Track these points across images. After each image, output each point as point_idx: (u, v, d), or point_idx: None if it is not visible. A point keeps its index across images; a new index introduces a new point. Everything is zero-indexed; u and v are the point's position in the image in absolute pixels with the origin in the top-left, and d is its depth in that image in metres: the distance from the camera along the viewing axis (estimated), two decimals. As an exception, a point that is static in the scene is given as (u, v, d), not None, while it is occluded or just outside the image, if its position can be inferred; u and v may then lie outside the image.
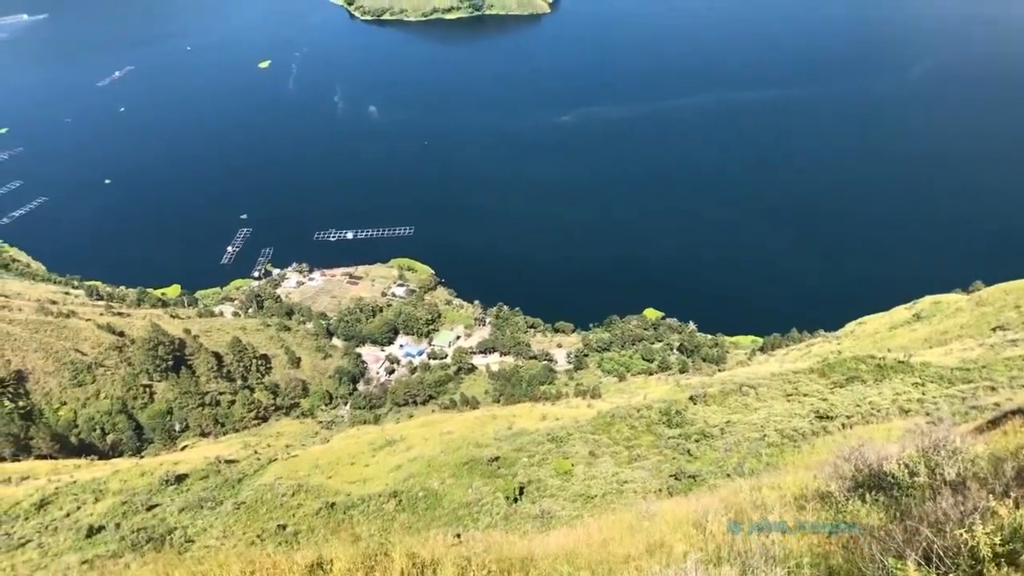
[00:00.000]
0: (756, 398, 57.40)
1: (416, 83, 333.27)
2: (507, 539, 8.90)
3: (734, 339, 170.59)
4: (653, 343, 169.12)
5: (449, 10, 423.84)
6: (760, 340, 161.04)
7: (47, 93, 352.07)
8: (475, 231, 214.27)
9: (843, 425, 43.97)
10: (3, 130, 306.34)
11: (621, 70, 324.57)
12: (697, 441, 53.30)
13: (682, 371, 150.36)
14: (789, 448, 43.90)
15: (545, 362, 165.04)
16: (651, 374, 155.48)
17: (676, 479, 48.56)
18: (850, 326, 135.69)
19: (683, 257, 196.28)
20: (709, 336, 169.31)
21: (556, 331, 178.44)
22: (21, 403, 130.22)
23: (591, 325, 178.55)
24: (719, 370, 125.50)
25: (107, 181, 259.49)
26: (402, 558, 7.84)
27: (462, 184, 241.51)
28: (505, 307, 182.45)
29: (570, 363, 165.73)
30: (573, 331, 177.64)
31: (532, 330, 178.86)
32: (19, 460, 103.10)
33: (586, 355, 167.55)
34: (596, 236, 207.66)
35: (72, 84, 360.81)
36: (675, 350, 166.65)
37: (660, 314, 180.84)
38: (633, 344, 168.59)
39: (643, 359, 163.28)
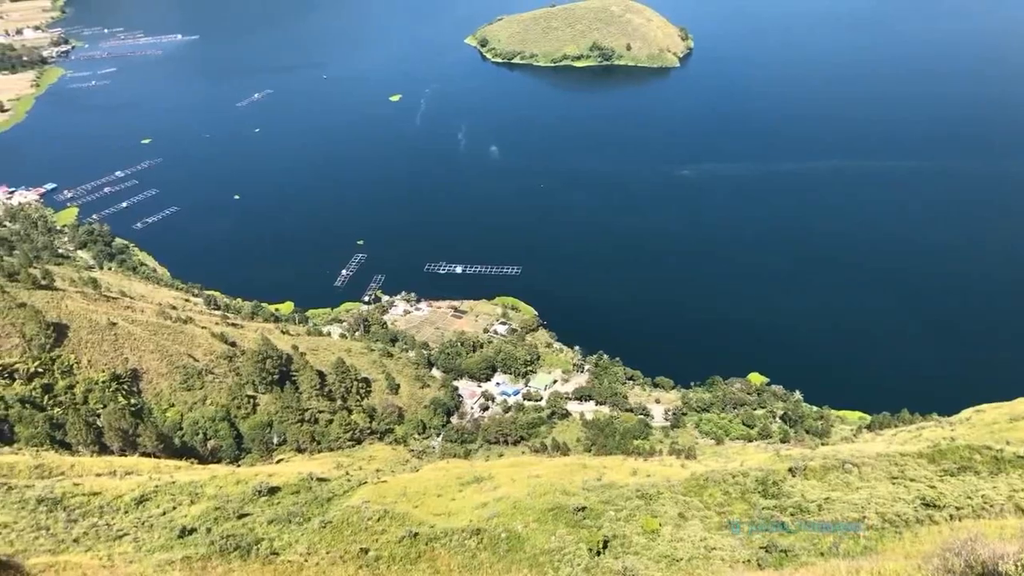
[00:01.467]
0: (859, 477, 55.00)
1: (539, 127, 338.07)
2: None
3: (840, 413, 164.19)
4: (755, 409, 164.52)
5: (579, 58, 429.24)
6: (868, 418, 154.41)
7: (190, 109, 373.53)
8: (582, 278, 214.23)
9: (951, 516, 41.68)
10: (147, 140, 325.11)
11: (746, 128, 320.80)
12: (792, 515, 51.37)
13: (783, 441, 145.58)
14: (890, 533, 41.91)
15: (641, 416, 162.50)
16: (750, 440, 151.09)
17: (767, 551, 46.86)
18: (966, 413, 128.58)
19: (795, 323, 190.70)
20: (814, 408, 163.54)
21: (655, 386, 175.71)
22: (133, 401, 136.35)
23: (692, 383, 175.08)
24: (822, 444, 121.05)
25: (236, 197, 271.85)
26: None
27: (574, 230, 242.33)
28: (605, 356, 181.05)
29: (667, 420, 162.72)
30: (673, 388, 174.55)
31: (631, 382, 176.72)
32: (126, 455, 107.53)
33: (684, 414, 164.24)
34: (704, 293, 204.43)
35: (214, 102, 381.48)
36: (778, 418, 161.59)
37: (765, 380, 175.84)
38: (734, 408, 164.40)
39: (743, 424, 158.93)
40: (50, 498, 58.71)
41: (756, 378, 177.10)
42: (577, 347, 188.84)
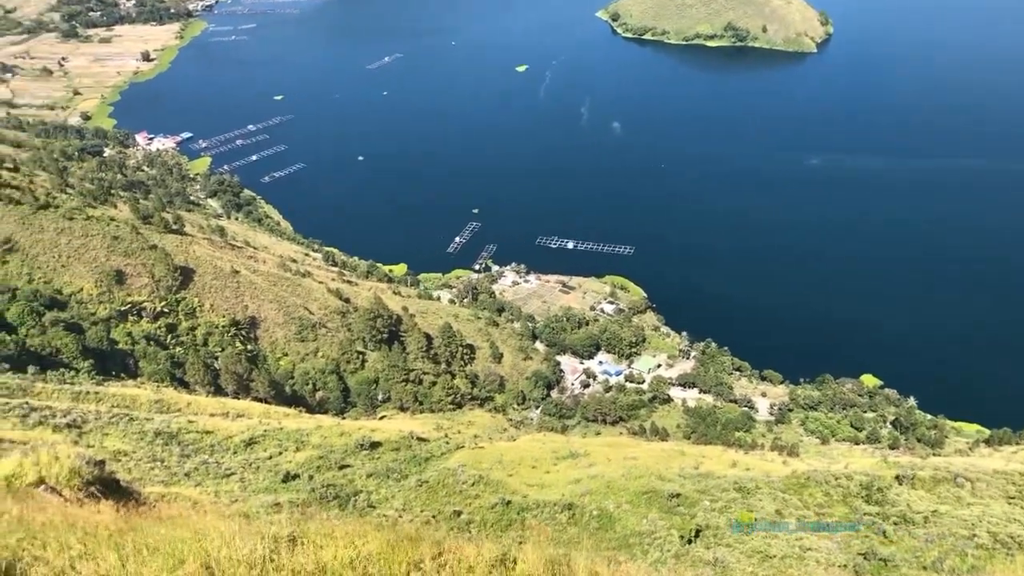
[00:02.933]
0: (971, 493, 52.41)
1: (664, 106, 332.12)
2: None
3: (956, 424, 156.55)
4: (865, 411, 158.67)
5: (711, 37, 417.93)
6: (986, 432, 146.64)
7: (322, 68, 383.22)
8: (696, 262, 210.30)
9: (1073, 545, 39.30)
10: (280, 97, 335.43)
11: (881, 121, 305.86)
12: (896, 524, 49.41)
13: (892, 447, 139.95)
14: (1001, 555, 39.84)
15: (745, 408, 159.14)
16: (857, 443, 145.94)
17: (865, 559, 45.26)
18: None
19: (915, 327, 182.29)
20: (929, 416, 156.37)
21: (763, 379, 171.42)
22: (250, 347, 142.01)
23: (801, 380, 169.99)
24: (934, 454, 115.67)
25: (360, 158, 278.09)
26: (584, 573, 7.57)
27: (690, 213, 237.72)
28: (713, 344, 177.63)
29: (772, 415, 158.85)
30: (781, 382, 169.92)
31: (737, 373, 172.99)
32: (239, 398, 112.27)
33: (790, 410, 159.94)
34: (822, 288, 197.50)
35: (345, 63, 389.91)
36: (888, 423, 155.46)
37: (879, 383, 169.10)
38: (843, 408, 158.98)
39: (851, 426, 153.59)
40: (166, 432, 61.80)
41: (869, 380, 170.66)
42: (684, 333, 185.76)
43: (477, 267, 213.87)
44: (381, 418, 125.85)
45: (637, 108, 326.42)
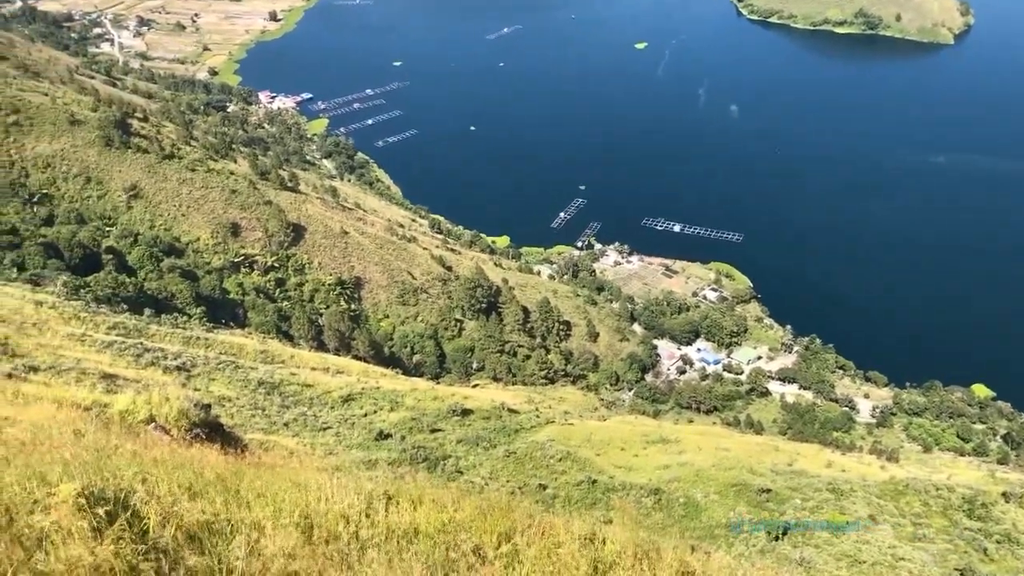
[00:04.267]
0: (1087, 519, 49.79)
1: (786, 92, 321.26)
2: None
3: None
4: (974, 423, 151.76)
5: (841, 24, 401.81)
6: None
7: (441, 36, 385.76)
8: (807, 255, 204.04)
9: None
10: (398, 63, 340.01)
11: (1018, 122, 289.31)
12: (999, 543, 47.42)
13: (1000, 462, 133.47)
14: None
15: (846, 409, 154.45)
16: (962, 455, 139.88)
17: (962, 575, 43.69)
18: None
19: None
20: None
21: (867, 380, 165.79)
22: (353, 306, 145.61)
23: (908, 384, 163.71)
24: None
25: (472, 127, 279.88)
26: (674, 561, 7.51)
27: (804, 203, 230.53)
28: (818, 340, 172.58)
29: (873, 417, 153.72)
30: (885, 385, 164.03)
31: (840, 371, 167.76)
32: (339, 355, 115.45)
33: (893, 414, 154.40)
34: (939, 292, 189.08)
35: (464, 33, 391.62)
36: (999, 437, 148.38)
37: (991, 394, 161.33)
38: (950, 417, 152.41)
39: (957, 436, 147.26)
40: (269, 382, 64.03)
41: (981, 390, 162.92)
42: (789, 326, 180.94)
43: (580, 244, 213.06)
44: (474, 386, 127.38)
45: (757, 92, 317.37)
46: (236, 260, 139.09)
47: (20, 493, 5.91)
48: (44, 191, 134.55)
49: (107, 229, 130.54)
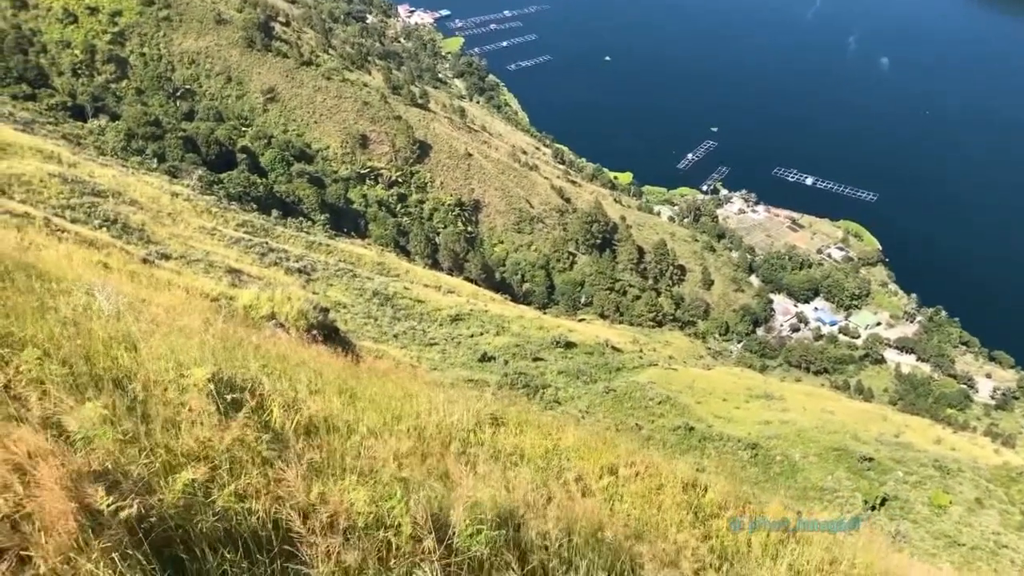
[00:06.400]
0: None
1: (943, 47, 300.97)
2: (870, 545, 8.03)
3: None
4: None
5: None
6: None
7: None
8: (943, 222, 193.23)
9: None
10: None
11: None
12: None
13: None
14: None
15: (964, 386, 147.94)
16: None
17: (1068, 571, 41.94)
18: None
19: None
20: None
21: (991, 359, 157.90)
22: (469, 229, 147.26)
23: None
24: None
25: (607, 58, 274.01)
26: (777, 516, 7.44)
27: (949, 168, 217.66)
28: (944, 312, 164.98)
29: (993, 399, 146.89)
30: (1012, 367, 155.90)
31: (964, 347, 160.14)
32: (452, 275, 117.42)
33: (1016, 397, 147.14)
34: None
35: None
36: None
37: None
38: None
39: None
40: (383, 293, 65.73)
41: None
42: (914, 295, 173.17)
43: (705, 188, 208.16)
44: (580, 320, 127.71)
45: (913, 45, 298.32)
46: (362, 172, 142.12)
47: (156, 371, 6.26)
48: (187, 87, 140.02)
49: (243, 129, 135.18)
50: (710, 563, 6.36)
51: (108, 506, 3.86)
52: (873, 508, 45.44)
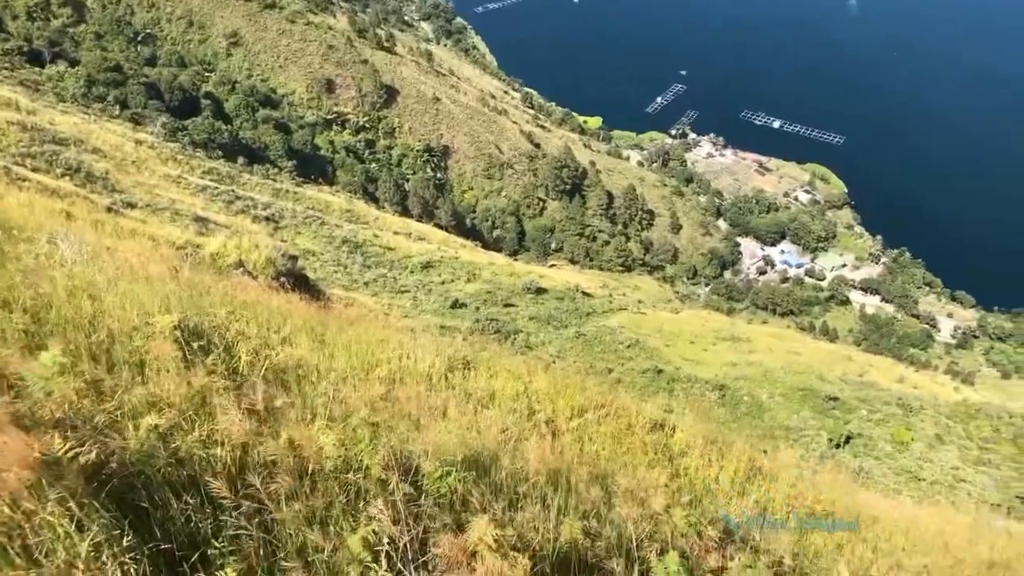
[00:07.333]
0: None
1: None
2: (835, 481, 8.19)
3: None
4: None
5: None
6: None
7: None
8: (908, 165, 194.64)
9: None
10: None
11: None
12: (1069, 478, 46.67)
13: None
14: None
15: (926, 326, 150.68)
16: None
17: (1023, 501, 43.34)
18: None
19: None
20: None
21: (953, 299, 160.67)
22: (439, 175, 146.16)
23: (996, 308, 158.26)
24: None
25: (575, 0, 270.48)
26: (742, 455, 7.56)
27: (915, 112, 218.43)
28: (908, 254, 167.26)
29: (953, 338, 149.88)
30: (972, 306, 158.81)
31: (927, 288, 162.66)
32: (422, 222, 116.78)
33: (976, 336, 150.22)
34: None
35: None
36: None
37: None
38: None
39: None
40: (352, 241, 65.32)
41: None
42: (879, 237, 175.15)
43: (674, 132, 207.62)
44: (551, 266, 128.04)
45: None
46: (329, 117, 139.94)
47: (121, 319, 6.15)
48: (148, 31, 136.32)
49: (206, 74, 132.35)
50: (679, 500, 6.46)
51: (64, 452, 3.81)
52: (838, 446, 46.50)
